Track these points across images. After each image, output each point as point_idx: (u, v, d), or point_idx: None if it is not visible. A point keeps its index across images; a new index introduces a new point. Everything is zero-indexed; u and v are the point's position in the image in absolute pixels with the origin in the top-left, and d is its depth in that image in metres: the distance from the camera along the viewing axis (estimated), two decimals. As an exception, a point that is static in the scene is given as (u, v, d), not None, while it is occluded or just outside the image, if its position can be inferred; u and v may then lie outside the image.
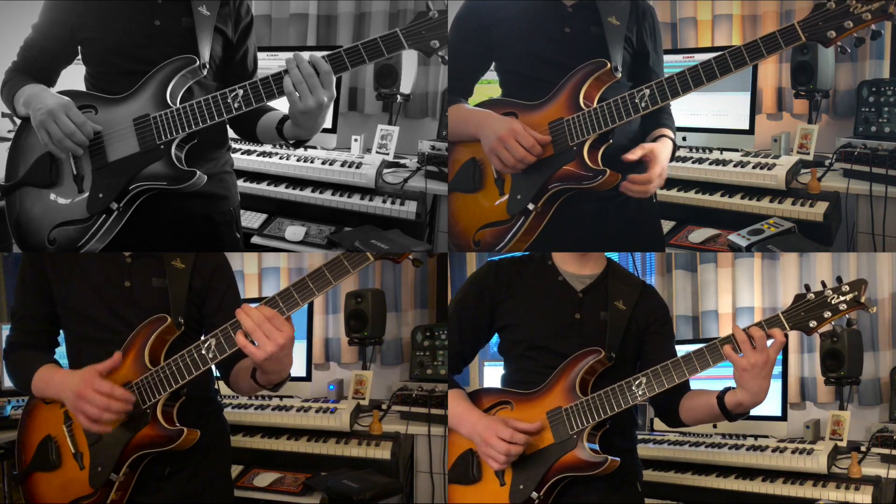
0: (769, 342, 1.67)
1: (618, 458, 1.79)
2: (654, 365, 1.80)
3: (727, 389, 1.78)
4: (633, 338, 1.92)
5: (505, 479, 1.85)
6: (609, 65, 1.98)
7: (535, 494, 1.81)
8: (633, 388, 1.79)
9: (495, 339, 2.06)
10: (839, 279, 1.68)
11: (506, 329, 1.98)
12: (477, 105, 2.17)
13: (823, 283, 1.69)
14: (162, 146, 1.89)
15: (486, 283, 2.00)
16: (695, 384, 1.90)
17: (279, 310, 1.63)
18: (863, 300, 1.65)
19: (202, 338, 1.72)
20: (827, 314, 1.67)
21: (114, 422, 1.69)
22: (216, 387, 2.02)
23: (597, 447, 1.81)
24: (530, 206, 2.03)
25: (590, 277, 1.97)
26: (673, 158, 2.07)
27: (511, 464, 1.83)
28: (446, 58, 1.89)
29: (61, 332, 1.93)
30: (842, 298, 1.66)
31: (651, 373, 1.78)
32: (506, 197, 2.07)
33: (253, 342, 1.61)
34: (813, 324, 1.68)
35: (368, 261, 1.63)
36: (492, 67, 2.27)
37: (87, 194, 1.92)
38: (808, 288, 1.71)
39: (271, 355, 1.60)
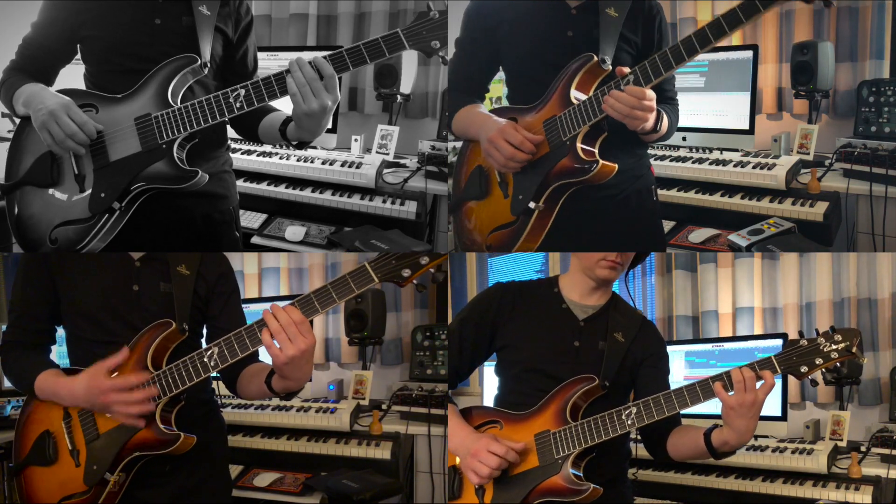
0: (759, 384, 1.69)
1: (600, 488, 1.77)
2: (646, 397, 1.79)
3: (714, 427, 1.78)
4: (627, 370, 1.92)
5: (485, 499, 1.82)
6: (596, 58, 1.98)
7: None
8: (623, 417, 1.78)
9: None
10: (832, 328, 1.72)
11: (504, 349, 1.98)
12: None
13: (817, 331, 1.73)
14: (164, 146, 1.89)
15: (490, 303, 1.99)
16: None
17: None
18: (854, 350, 1.69)
19: (204, 345, 1.73)
20: (818, 361, 1.71)
21: (150, 406, 1.70)
22: (212, 386, 2.02)
23: (580, 474, 1.79)
24: (532, 205, 2.04)
25: (593, 308, 1.96)
26: (658, 129, 2.02)
27: (493, 483, 1.81)
28: (447, 58, 1.89)
29: (62, 331, 1.93)
30: (833, 347, 1.70)
31: (642, 403, 1.78)
32: (510, 198, 2.09)
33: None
34: (804, 369, 1.72)
35: (373, 282, 1.63)
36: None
37: (88, 194, 1.92)
38: (801, 334, 1.75)
39: (292, 359, 1.61)
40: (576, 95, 1.99)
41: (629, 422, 1.78)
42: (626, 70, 1.91)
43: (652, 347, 1.96)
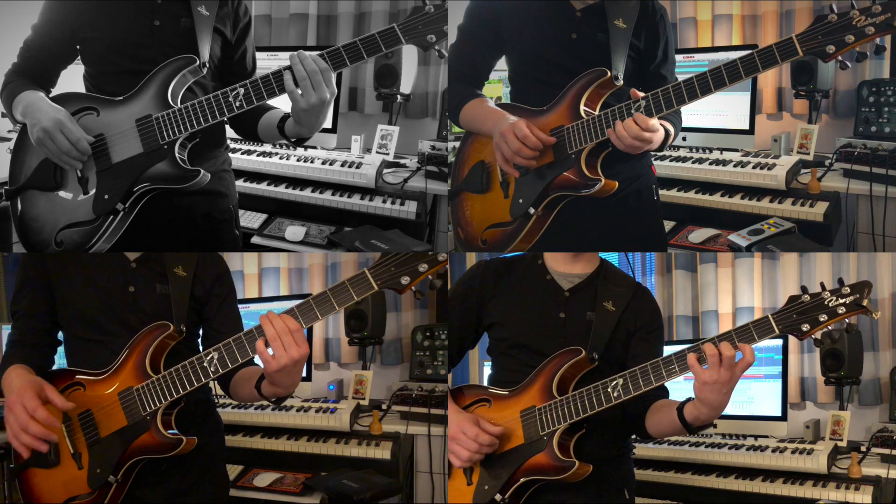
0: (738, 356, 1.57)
1: (589, 465, 1.73)
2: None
3: (688, 400, 1.69)
4: (620, 341, 1.87)
5: (472, 478, 1.80)
6: (609, 74, 1.98)
7: (499, 496, 1.76)
8: (609, 389, 1.71)
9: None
10: (840, 281, 1.56)
11: (492, 327, 1.97)
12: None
13: (822, 285, 1.58)
14: (165, 146, 1.89)
15: (472, 282, 1.99)
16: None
17: (300, 323, 1.64)
18: (865, 303, 1.52)
19: (203, 350, 1.73)
20: (822, 317, 1.54)
21: (36, 444, 1.68)
22: (209, 386, 2.02)
23: (569, 451, 1.75)
24: (531, 211, 2.05)
25: (579, 277, 1.94)
26: (663, 148, 2.05)
27: (481, 463, 1.80)
28: (444, 52, 1.90)
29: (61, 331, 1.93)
30: (840, 301, 1.54)
31: (629, 374, 1.70)
32: (509, 199, 2.09)
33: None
34: (805, 327, 1.55)
35: (372, 289, 1.63)
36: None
37: (92, 196, 1.93)
38: (804, 289, 1.59)
39: (284, 367, 1.61)
40: (585, 109, 1.99)
41: (615, 394, 1.70)
42: (640, 95, 1.91)
43: (645, 317, 1.90)
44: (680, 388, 1.82)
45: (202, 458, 1.88)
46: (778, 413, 3.08)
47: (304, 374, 3.46)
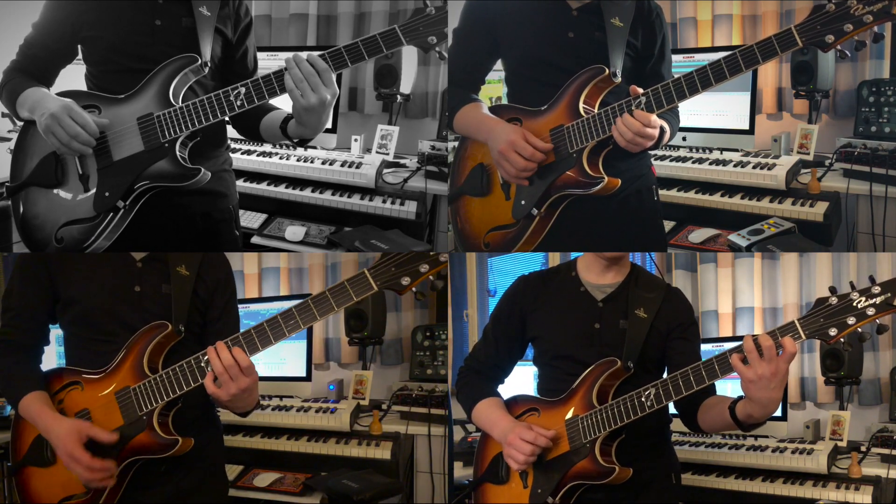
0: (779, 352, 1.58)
1: (629, 469, 1.81)
2: (675, 371, 1.78)
3: (740, 398, 1.73)
4: (654, 345, 1.92)
5: (528, 481, 1.89)
6: (608, 71, 1.99)
7: (550, 499, 1.85)
8: (643, 399, 1.78)
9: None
10: (871, 279, 1.48)
11: (535, 340, 2.04)
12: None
13: (852, 285, 1.51)
14: (166, 144, 1.90)
15: (515, 297, 2.07)
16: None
17: (253, 346, 1.69)
18: None
19: (203, 350, 1.74)
20: (851, 320, 1.48)
21: (98, 485, 1.72)
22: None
23: (611, 456, 1.83)
24: (534, 212, 2.06)
25: (611, 286, 1.98)
26: (658, 146, 2.06)
27: (534, 467, 1.87)
28: (444, 54, 1.90)
29: (58, 330, 1.92)
30: (870, 302, 1.47)
31: (661, 384, 1.77)
32: (511, 201, 2.10)
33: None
34: (833, 332, 1.50)
35: (372, 290, 1.66)
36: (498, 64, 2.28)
37: (92, 193, 1.93)
38: (833, 290, 1.53)
39: (233, 397, 1.68)
40: (584, 107, 2.00)
41: (648, 403, 1.77)
42: (640, 91, 1.92)
43: (678, 317, 1.95)
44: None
45: (201, 460, 1.88)
46: (778, 413, 3.07)
47: (304, 374, 3.50)
